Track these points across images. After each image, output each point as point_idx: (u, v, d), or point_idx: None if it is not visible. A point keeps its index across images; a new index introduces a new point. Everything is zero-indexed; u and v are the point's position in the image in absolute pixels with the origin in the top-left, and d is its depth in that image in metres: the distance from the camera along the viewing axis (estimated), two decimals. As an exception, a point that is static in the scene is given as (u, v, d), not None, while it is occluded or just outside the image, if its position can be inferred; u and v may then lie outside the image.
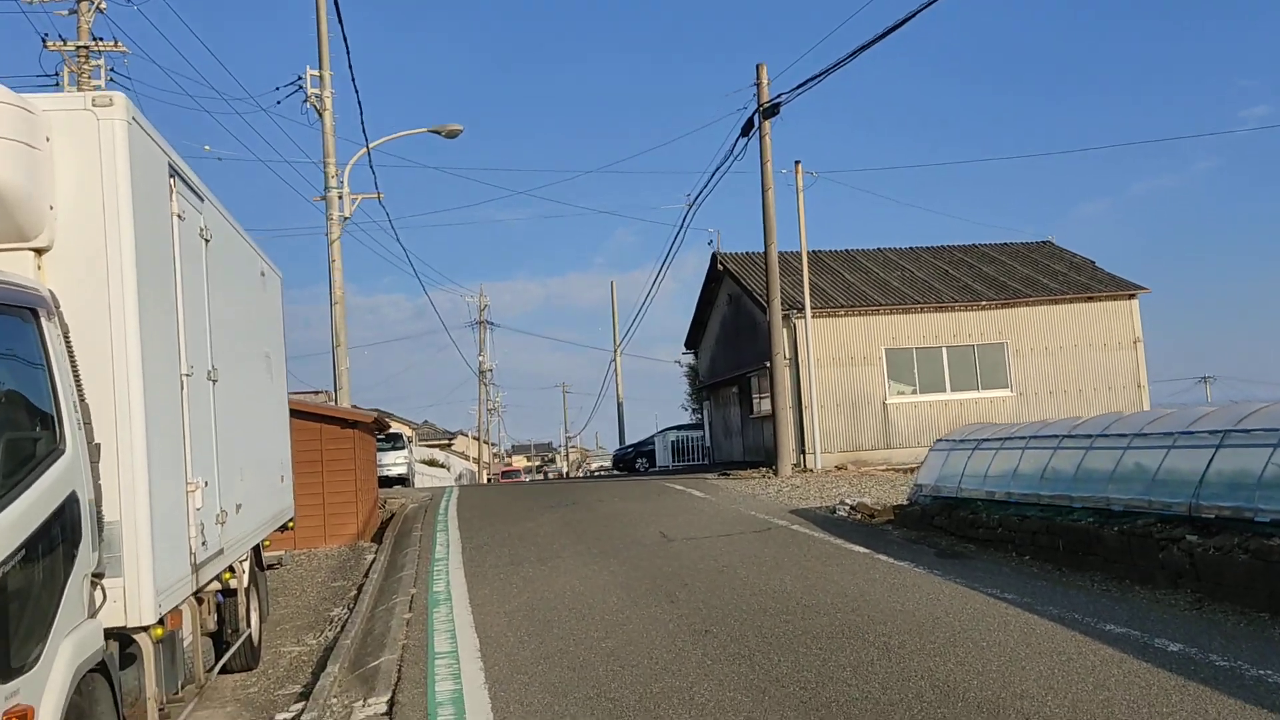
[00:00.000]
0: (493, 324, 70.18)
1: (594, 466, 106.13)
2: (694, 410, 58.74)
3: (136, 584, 4.77)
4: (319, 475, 16.43)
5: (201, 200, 6.73)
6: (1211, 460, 7.97)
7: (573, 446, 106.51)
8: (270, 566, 9.83)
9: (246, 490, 7.65)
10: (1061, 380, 24.50)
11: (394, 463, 34.07)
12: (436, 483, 49.27)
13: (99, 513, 4.53)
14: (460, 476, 63.31)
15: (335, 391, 24.92)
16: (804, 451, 22.77)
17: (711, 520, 14.16)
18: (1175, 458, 8.41)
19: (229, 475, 6.88)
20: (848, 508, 13.89)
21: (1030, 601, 7.82)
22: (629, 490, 20.70)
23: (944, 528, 11.08)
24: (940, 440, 12.58)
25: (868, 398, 23.65)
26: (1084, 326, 24.72)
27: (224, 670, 7.44)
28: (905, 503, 12.64)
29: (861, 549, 10.75)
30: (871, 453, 23.47)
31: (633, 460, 42.17)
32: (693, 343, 33.34)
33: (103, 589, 4.54)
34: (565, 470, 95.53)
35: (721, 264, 27.74)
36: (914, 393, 23.97)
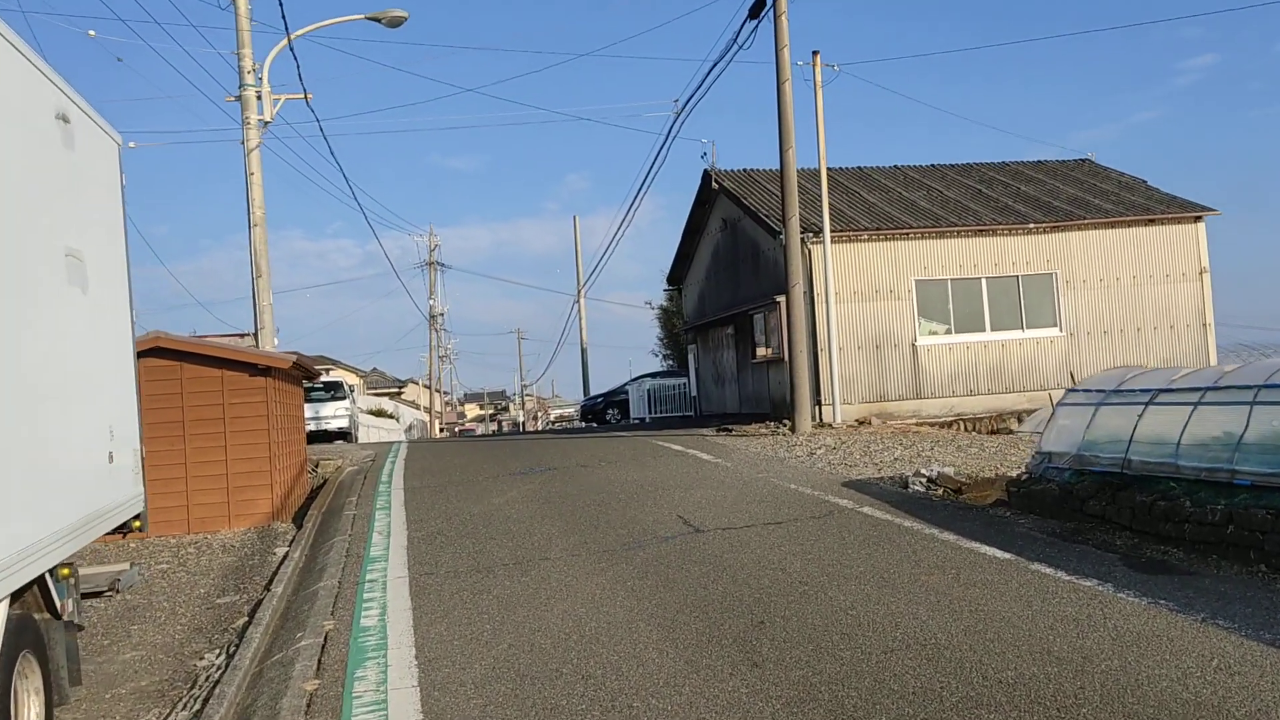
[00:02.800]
0: (443, 265, 66.51)
1: (553, 416, 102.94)
2: (665, 356, 55.57)
3: None
4: (220, 437, 12.99)
5: None
6: None
7: (529, 395, 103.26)
8: (99, 594, 6.45)
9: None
10: (1117, 317, 21.51)
11: (334, 415, 30.53)
12: (384, 436, 45.74)
13: None
14: (410, 428, 59.90)
15: (256, 333, 21.35)
16: (819, 403, 19.63)
17: (741, 497, 10.96)
18: None
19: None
20: (924, 480, 10.76)
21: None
22: (613, 450, 17.46)
23: (1107, 517, 7.94)
24: (1074, 390, 9.41)
25: (895, 338, 20.52)
26: (1143, 255, 21.70)
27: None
28: (1021, 476, 9.50)
29: (997, 552, 7.58)
30: (899, 403, 20.41)
31: (603, 411, 38.99)
32: (676, 278, 29.97)
33: None
34: (521, 420, 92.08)
35: (716, 181, 24.28)
36: (948, 332, 20.87)
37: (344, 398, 31.24)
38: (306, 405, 30.32)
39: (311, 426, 29.92)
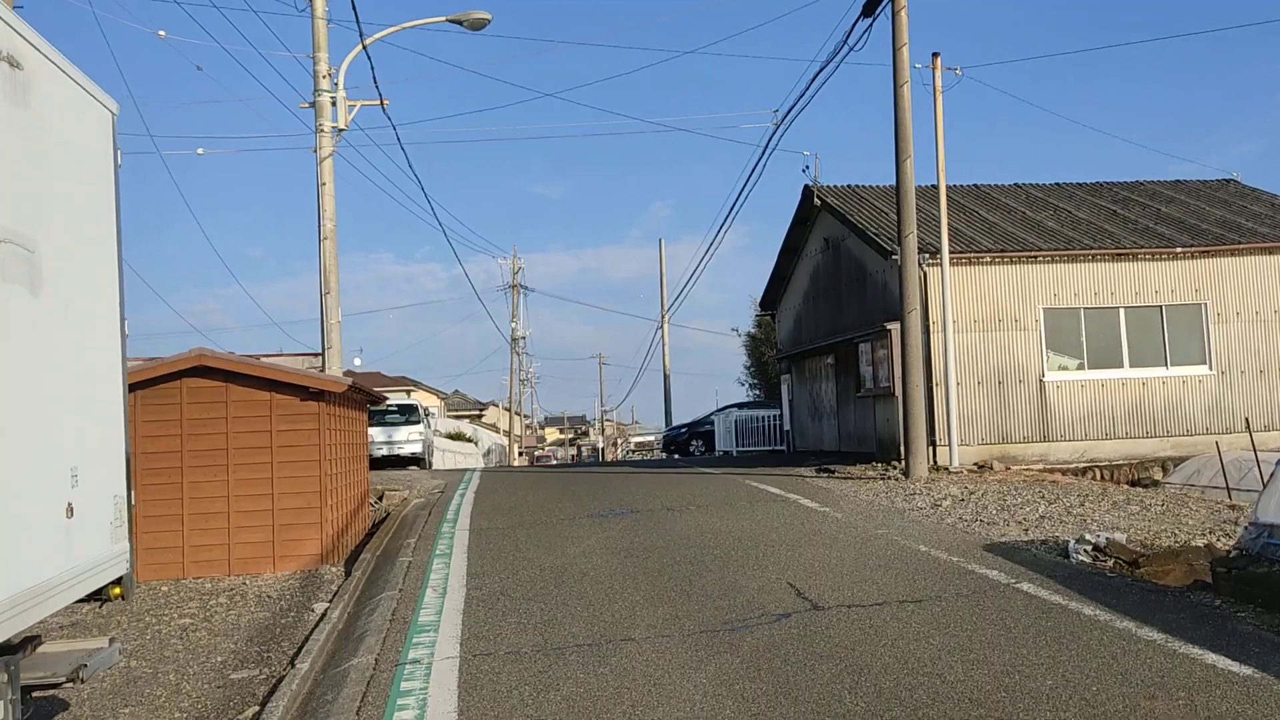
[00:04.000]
0: (526, 289, 65.89)
1: (633, 444, 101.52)
2: (752, 386, 53.68)
3: None
4: (267, 469, 11.72)
5: None
6: None
7: (608, 420, 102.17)
8: (55, 686, 5.03)
9: None
10: (1276, 355, 19.16)
11: (407, 439, 29.45)
12: (460, 461, 44.73)
13: None
14: (489, 453, 59.04)
15: (324, 352, 20.28)
16: (934, 443, 17.72)
17: (862, 560, 9.23)
18: None
19: None
20: (1089, 548, 8.89)
21: None
22: (702, 491, 15.83)
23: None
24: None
25: (1019, 373, 18.52)
26: (1305, 285, 19.32)
27: None
28: (1230, 552, 7.61)
29: (1231, 664, 5.74)
30: (1023, 446, 18.37)
31: (686, 442, 37.40)
32: (769, 302, 28.24)
33: None
34: (601, 447, 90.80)
35: (819, 197, 22.56)
36: (1080, 368, 18.78)
37: (418, 421, 30.16)
38: (379, 429, 29.32)
39: (384, 451, 28.89)
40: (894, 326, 18.01)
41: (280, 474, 11.72)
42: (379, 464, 27.55)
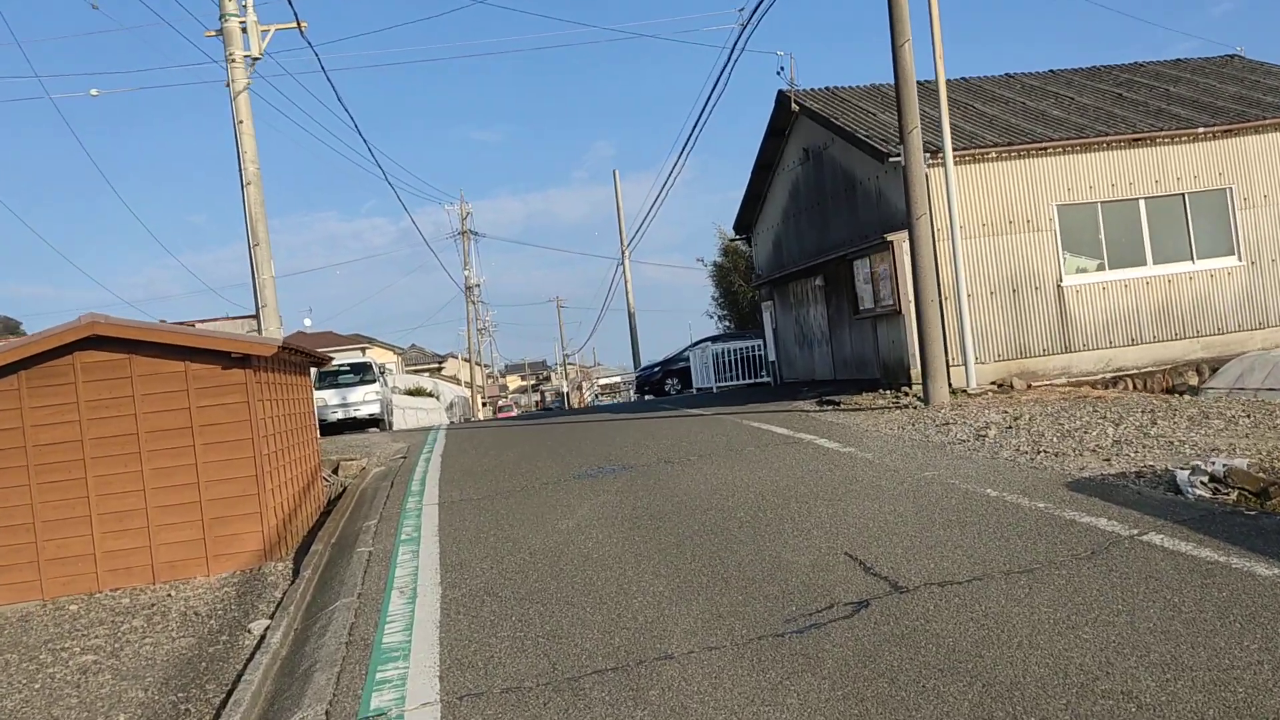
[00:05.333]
0: (477, 234, 63.68)
1: (599, 384, 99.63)
2: (721, 318, 51.97)
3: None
4: (189, 453, 9.84)
5: None
6: None
7: (570, 364, 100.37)
8: None
9: None
10: (1307, 241, 17.72)
11: (364, 400, 27.54)
12: (424, 418, 42.79)
13: None
14: (452, 406, 57.14)
15: (258, 312, 18.29)
16: (947, 364, 16.10)
17: (925, 515, 7.59)
18: None
19: None
20: (1204, 479, 7.28)
21: None
22: (697, 436, 14.19)
23: None
24: None
25: (1035, 279, 16.92)
26: (1334, 162, 17.82)
27: None
28: None
29: None
30: (1043, 360, 16.84)
31: (660, 381, 35.83)
32: (744, 225, 26.40)
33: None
34: (565, 391, 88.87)
35: (796, 102, 20.63)
36: (1100, 268, 17.22)
37: (374, 380, 28.21)
38: (332, 391, 27.30)
39: (339, 415, 26.93)
40: (896, 237, 16.32)
41: (206, 458, 9.85)
42: (334, 429, 25.63)
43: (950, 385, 15.93)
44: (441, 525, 9.74)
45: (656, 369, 37.38)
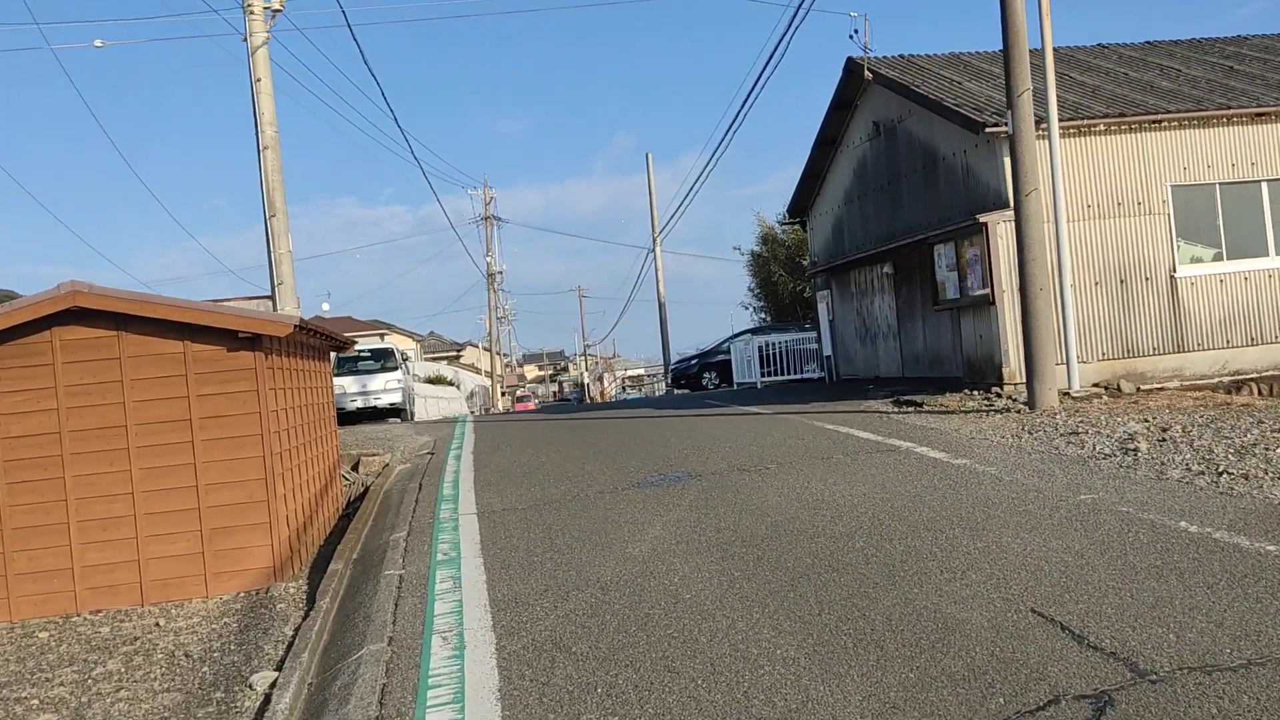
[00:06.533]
0: (499, 219, 62.39)
1: (625, 376, 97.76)
2: (758, 310, 50.15)
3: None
4: (187, 450, 8.36)
5: None
6: None
7: (591, 355, 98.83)
8: None
9: None
10: None
11: (385, 389, 26.12)
12: (445, 408, 41.42)
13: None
14: (472, 395, 55.87)
15: (273, 290, 16.83)
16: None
17: (1118, 558, 5.99)
18: None
19: None
20: None
21: None
22: (764, 437, 12.69)
23: None
24: None
25: (1145, 269, 15.23)
26: None
27: None
28: None
29: None
30: (1153, 360, 15.16)
31: (697, 375, 34.26)
32: (800, 208, 24.72)
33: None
34: (586, 382, 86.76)
35: (870, 70, 18.95)
36: (1217, 258, 15.51)
37: (395, 367, 26.80)
38: (351, 379, 25.81)
39: (358, 404, 25.48)
40: (990, 218, 14.68)
41: (207, 456, 8.36)
42: (352, 418, 24.20)
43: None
44: (484, 543, 8.23)
45: (693, 361, 35.84)
